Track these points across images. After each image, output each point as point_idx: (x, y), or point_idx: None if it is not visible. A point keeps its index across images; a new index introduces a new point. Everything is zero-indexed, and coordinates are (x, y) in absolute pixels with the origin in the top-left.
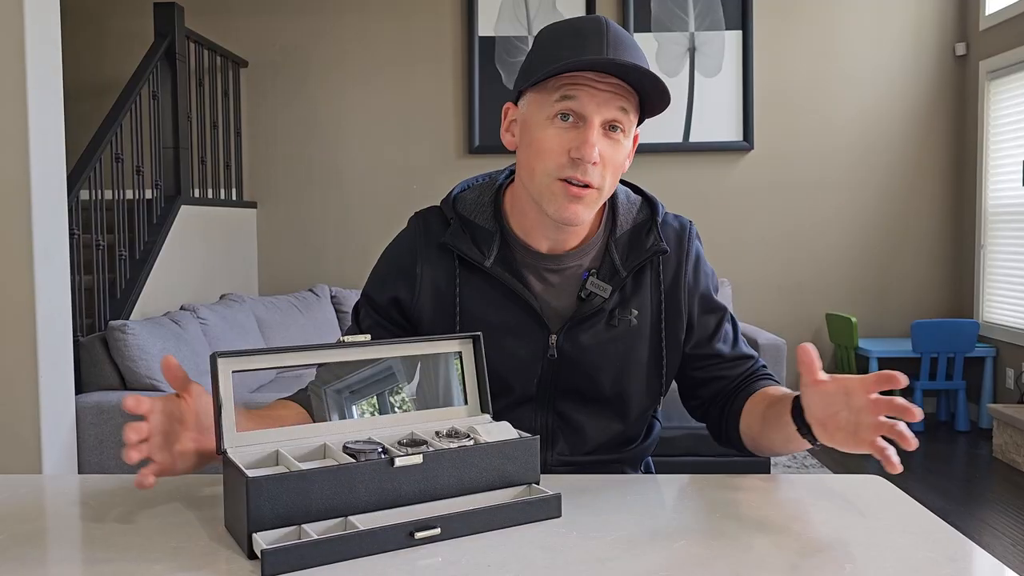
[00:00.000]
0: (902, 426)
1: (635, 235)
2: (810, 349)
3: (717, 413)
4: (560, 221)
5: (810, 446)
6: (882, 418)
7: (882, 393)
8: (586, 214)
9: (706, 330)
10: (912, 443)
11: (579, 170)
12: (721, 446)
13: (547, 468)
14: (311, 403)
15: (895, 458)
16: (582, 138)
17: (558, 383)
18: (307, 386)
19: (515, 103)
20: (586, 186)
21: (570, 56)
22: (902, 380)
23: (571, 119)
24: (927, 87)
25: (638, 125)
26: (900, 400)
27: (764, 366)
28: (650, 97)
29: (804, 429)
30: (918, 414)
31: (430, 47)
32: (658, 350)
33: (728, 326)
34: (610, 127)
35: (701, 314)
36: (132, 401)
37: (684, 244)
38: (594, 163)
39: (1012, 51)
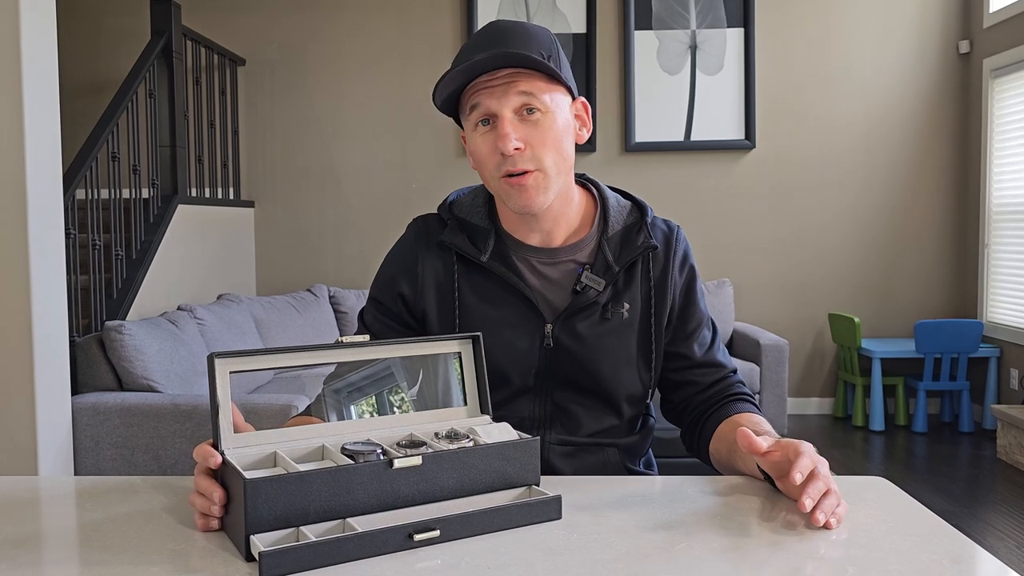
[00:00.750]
0: (827, 505)
1: (626, 234)
2: (745, 432)
3: (690, 424)
4: (520, 211)
5: None
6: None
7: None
8: (541, 197)
9: (684, 328)
10: (818, 520)
11: (508, 163)
12: (688, 452)
13: (546, 448)
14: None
15: (818, 518)
16: (497, 134)
17: (555, 373)
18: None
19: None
20: (523, 173)
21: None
22: (798, 471)
23: (489, 122)
24: (930, 85)
25: (576, 94)
26: (803, 499)
27: (741, 383)
28: (542, 70)
29: (769, 479)
30: (817, 520)
31: (429, 44)
32: (648, 343)
33: (707, 331)
34: (527, 111)
35: (682, 310)
36: (214, 460)
37: (672, 244)
38: (517, 150)
39: (1016, 49)
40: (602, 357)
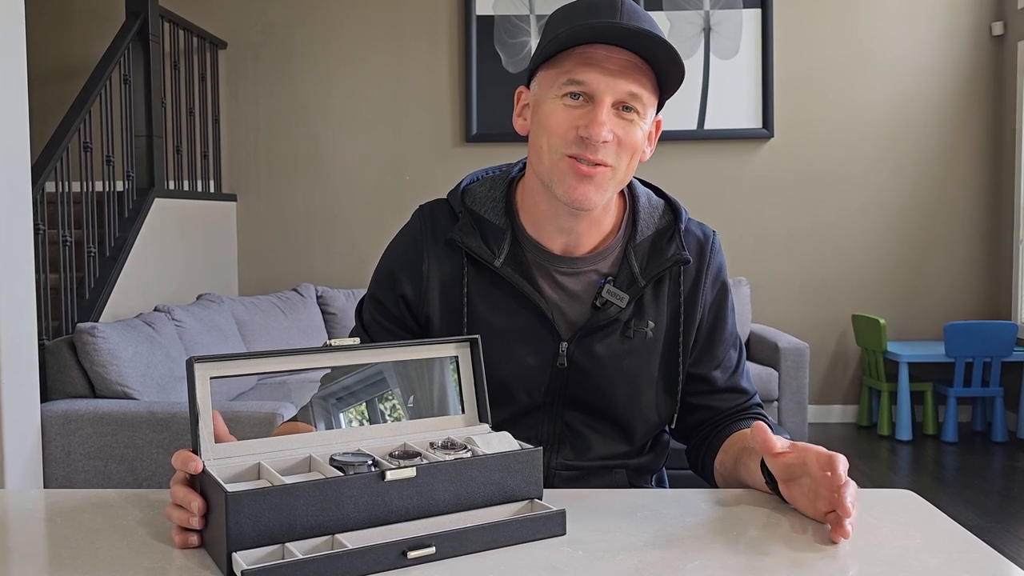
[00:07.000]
0: (846, 513)
1: (656, 242)
2: (762, 427)
3: (698, 442)
4: (569, 203)
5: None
6: (836, 495)
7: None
8: (597, 197)
9: (710, 351)
10: (845, 533)
11: (588, 149)
12: (691, 470)
13: (550, 472)
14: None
15: (847, 527)
16: (591, 116)
17: (567, 393)
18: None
19: (527, 86)
20: (596, 165)
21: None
22: (842, 469)
23: (581, 98)
24: (961, 69)
25: (659, 110)
26: (845, 499)
27: (759, 405)
28: (664, 70)
29: (772, 484)
30: (848, 532)
31: (424, 27)
32: (674, 366)
33: (733, 353)
34: (623, 108)
35: (710, 331)
36: (195, 464)
37: (706, 255)
38: (604, 142)
39: None
40: (620, 379)
